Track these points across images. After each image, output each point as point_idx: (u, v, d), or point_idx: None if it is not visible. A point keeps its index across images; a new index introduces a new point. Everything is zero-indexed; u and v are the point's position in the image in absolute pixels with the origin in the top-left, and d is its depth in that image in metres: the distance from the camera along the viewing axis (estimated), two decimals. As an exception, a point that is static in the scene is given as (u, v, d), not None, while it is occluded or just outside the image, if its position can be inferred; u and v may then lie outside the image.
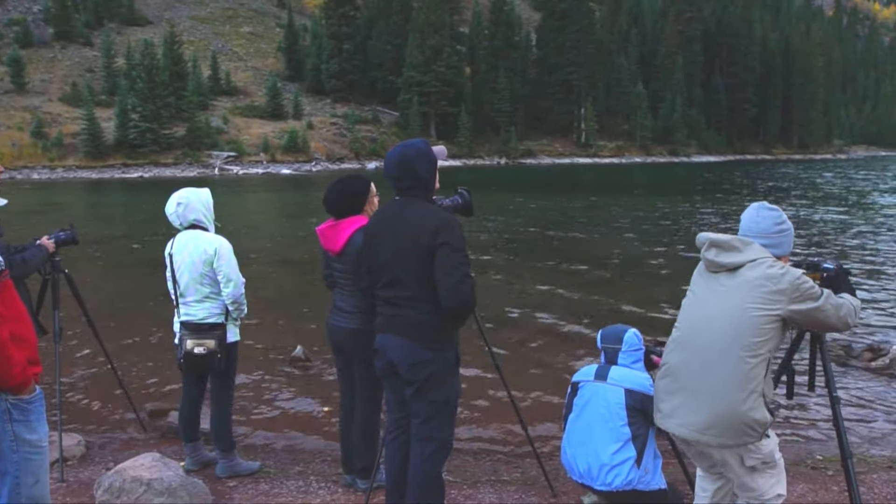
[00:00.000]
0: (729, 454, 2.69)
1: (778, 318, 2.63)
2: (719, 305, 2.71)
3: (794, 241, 2.91)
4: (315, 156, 60.72)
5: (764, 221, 2.79)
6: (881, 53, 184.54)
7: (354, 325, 3.66)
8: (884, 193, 32.61)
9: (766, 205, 2.85)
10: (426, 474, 3.09)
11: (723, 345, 2.65)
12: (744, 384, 2.61)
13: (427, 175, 3.09)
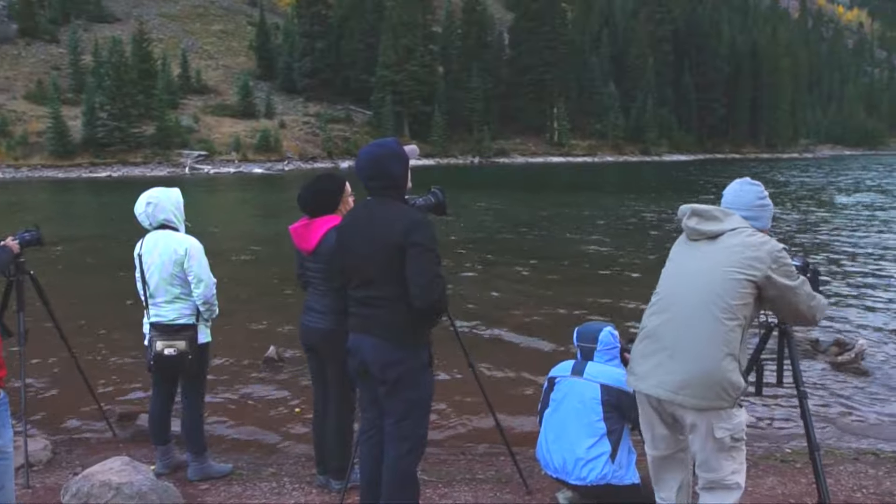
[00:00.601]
0: (701, 419, 2.70)
1: (754, 285, 2.67)
2: (699, 268, 2.77)
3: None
4: (288, 155, 60.29)
5: (746, 195, 2.88)
6: (845, 55, 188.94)
7: (327, 326, 3.64)
8: (847, 192, 33.34)
9: (749, 180, 2.94)
10: (400, 474, 3.08)
11: (702, 305, 2.69)
12: (721, 345, 2.64)
13: (399, 174, 3.09)
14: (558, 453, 3.38)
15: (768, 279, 2.66)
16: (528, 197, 29.61)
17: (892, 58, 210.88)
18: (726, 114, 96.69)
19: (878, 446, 5.01)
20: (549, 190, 34.83)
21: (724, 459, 2.74)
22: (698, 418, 2.70)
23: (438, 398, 5.69)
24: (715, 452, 2.72)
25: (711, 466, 2.76)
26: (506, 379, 6.47)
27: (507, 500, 3.76)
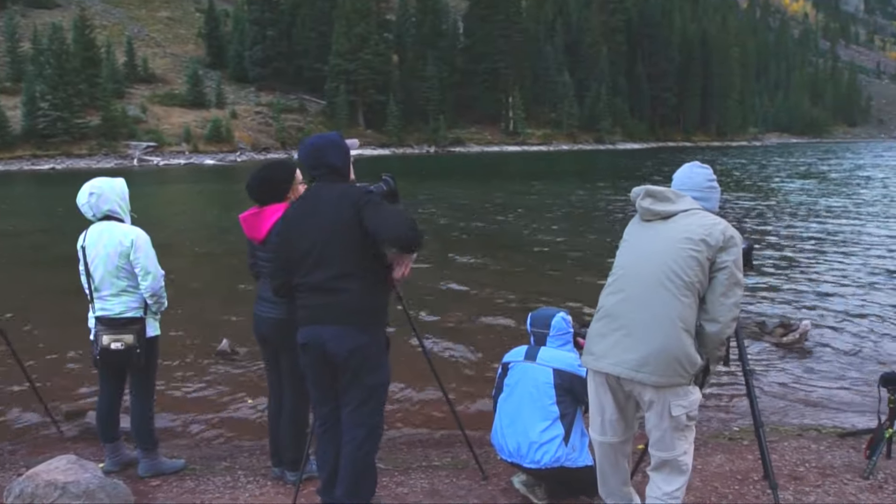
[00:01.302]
0: (658, 397, 2.74)
1: (707, 263, 2.74)
2: (653, 248, 2.82)
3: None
4: (240, 145, 59.19)
5: (697, 177, 2.98)
6: (791, 45, 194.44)
7: (280, 315, 3.58)
8: (792, 179, 34.39)
9: (698, 163, 3.05)
10: (359, 462, 3.08)
11: (657, 283, 2.74)
12: (678, 321, 2.69)
13: (341, 164, 3.13)
14: (512, 437, 3.41)
15: (719, 259, 2.74)
16: (485, 186, 29.71)
17: (835, 48, 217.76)
18: (678, 102, 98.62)
19: (821, 422, 5.20)
20: (505, 179, 35.02)
21: (678, 439, 2.79)
22: (656, 396, 2.74)
23: (394, 386, 5.71)
24: (671, 431, 2.78)
25: (666, 445, 2.81)
26: (462, 366, 6.51)
27: (463, 486, 3.79)
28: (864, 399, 5.61)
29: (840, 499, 3.60)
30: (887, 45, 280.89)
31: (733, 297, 2.73)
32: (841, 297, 9.33)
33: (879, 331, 7.77)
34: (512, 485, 3.62)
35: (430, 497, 3.67)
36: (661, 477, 2.86)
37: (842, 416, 5.41)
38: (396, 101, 70.19)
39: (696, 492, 3.65)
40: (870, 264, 11.66)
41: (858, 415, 5.33)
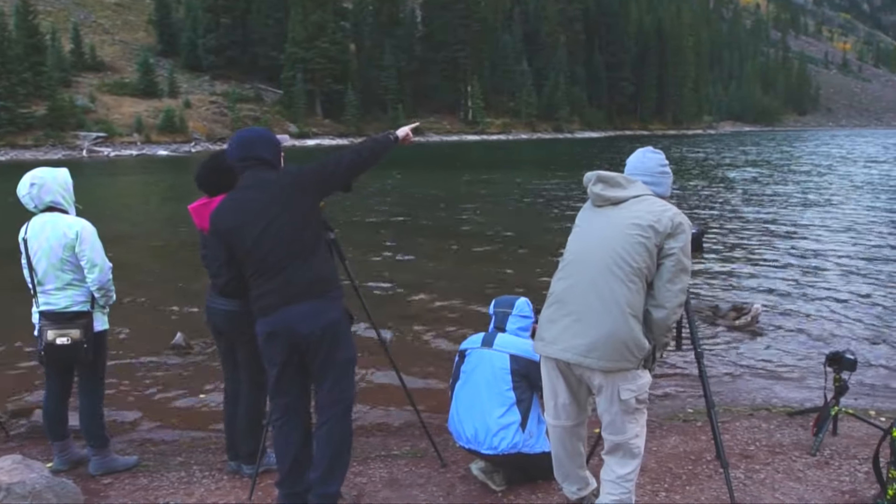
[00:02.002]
0: (607, 381, 2.77)
1: (655, 249, 2.77)
2: (604, 233, 2.85)
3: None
4: (194, 136, 57.83)
5: (649, 162, 3.01)
6: (743, 35, 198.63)
7: (234, 307, 3.51)
8: (743, 167, 35.22)
9: (651, 149, 3.08)
10: (340, 439, 3.12)
11: (606, 269, 2.77)
12: (625, 306, 2.72)
13: (270, 157, 3.14)
14: (469, 424, 3.42)
15: (667, 245, 2.76)
16: (444, 175, 29.70)
17: (785, 39, 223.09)
18: (635, 91, 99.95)
19: (771, 401, 5.35)
20: (464, 168, 35.05)
21: (629, 422, 2.83)
22: (605, 380, 2.77)
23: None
24: (621, 414, 2.81)
25: (616, 428, 2.85)
26: (419, 355, 6.50)
27: (422, 474, 3.78)
28: (812, 378, 5.78)
29: (788, 475, 3.71)
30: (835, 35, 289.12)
31: (679, 284, 2.75)
32: (790, 281, 9.60)
33: (826, 312, 8.03)
34: (470, 472, 3.63)
35: (389, 486, 3.66)
36: (615, 460, 2.89)
37: (791, 395, 5.57)
38: (354, 90, 69.44)
39: (651, 473, 3.72)
40: (816, 249, 12.03)
41: (807, 394, 5.50)
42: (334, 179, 3.15)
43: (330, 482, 3.11)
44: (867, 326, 7.47)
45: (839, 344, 6.73)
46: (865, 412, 4.81)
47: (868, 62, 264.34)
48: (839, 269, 10.38)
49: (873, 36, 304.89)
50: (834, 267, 10.51)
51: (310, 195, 3.08)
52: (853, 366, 4.15)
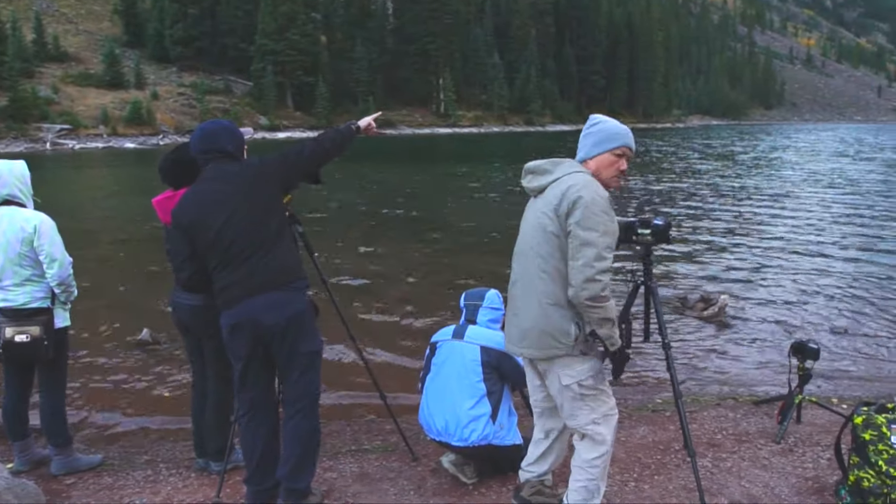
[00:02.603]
0: (549, 368, 2.83)
1: (559, 234, 2.70)
2: (527, 226, 2.87)
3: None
4: (162, 128, 56.83)
5: (583, 129, 2.93)
6: (711, 30, 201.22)
7: (199, 301, 3.45)
8: (711, 160, 35.71)
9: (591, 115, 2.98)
10: (307, 433, 3.10)
11: (528, 261, 2.81)
12: (542, 297, 2.74)
13: (233, 149, 3.10)
14: (440, 415, 3.41)
15: (567, 224, 2.66)
16: (416, 168, 29.61)
17: (751, 34, 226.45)
18: (605, 85, 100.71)
19: (738, 391, 5.43)
20: (436, 161, 35.01)
21: (579, 408, 2.82)
22: (547, 367, 2.84)
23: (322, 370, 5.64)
24: (569, 400, 2.82)
25: (567, 413, 2.87)
26: (390, 348, 6.46)
27: (393, 468, 3.77)
28: (777, 367, 5.89)
29: (754, 463, 3.77)
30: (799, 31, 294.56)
31: (582, 259, 2.62)
32: (755, 273, 9.76)
33: (791, 303, 8.18)
34: (441, 465, 3.62)
35: (360, 480, 3.64)
36: (580, 446, 2.91)
37: (757, 384, 5.67)
38: (325, 82, 68.87)
39: (620, 463, 3.75)
40: (780, 242, 12.25)
41: (772, 383, 5.59)
42: (297, 170, 3.13)
43: (299, 477, 3.10)
44: (830, 316, 7.62)
45: (803, 334, 6.87)
46: (828, 400, 4.91)
47: (831, 58, 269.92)
48: (803, 261, 10.58)
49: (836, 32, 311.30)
50: (798, 259, 10.71)
51: (272, 186, 3.05)
52: (816, 355, 4.22)
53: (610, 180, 2.82)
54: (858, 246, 11.77)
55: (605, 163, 2.81)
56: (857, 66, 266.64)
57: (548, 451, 3.13)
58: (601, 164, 2.81)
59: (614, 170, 2.82)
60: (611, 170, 2.82)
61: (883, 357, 6.42)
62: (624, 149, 2.82)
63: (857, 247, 11.70)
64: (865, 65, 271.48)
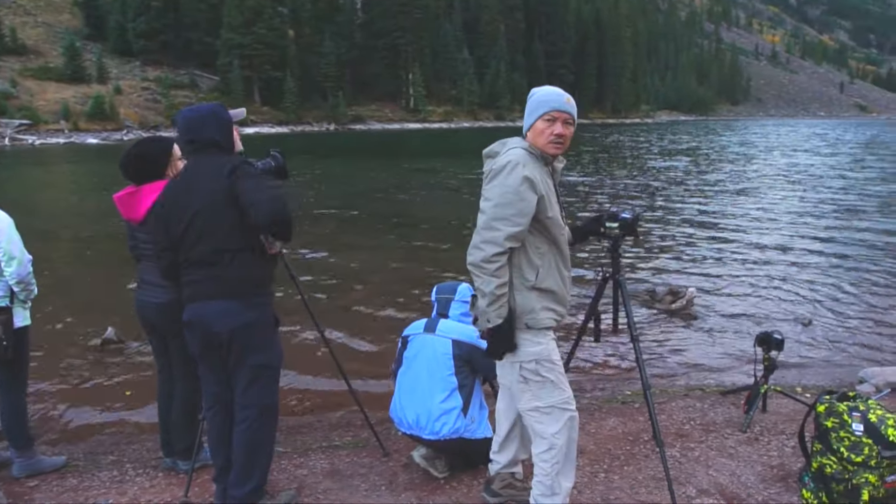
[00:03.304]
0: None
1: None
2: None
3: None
4: (126, 123, 55.77)
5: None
6: (679, 27, 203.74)
7: (164, 299, 3.40)
8: (678, 155, 36.19)
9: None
10: (251, 444, 3.01)
11: None
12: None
13: (219, 136, 3.00)
14: (411, 409, 3.40)
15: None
16: (386, 163, 29.49)
17: (718, 31, 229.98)
18: (574, 80, 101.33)
19: (705, 382, 5.51)
20: (406, 156, 34.90)
21: (522, 391, 2.80)
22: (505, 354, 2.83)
23: (292, 367, 5.59)
24: (514, 382, 2.82)
25: (515, 393, 2.85)
26: (360, 344, 6.44)
27: (364, 464, 3.75)
28: (744, 358, 5.99)
29: (721, 452, 3.83)
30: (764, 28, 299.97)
31: (478, 237, 2.66)
32: (723, 265, 9.92)
33: (757, 295, 8.32)
34: (412, 459, 3.61)
35: (331, 477, 3.61)
36: (532, 437, 2.89)
37: (724, 374, 5.76)
38: (293, 77, 68.20)
39: (590, 454, 3.78)
40: (746, 235, 12.47)
41: (738, 373, 5.70)
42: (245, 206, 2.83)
43: (243, 483, 3.04)
44: (794, 307, 7.78)
45: (768, 325, 7.00)
46: (793, 389, 5.01)
47: (795, 55, 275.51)
48: (768, 254, 10.78)
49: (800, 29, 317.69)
50: (763, 252, 10.91)
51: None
52: (781, 345, 4.30)
53: (547, 146, 2.76)
54: (822, 238, 12.03)
55: (539, 130, 2.76)
56: (821, 62, 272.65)
57: (508, 439, 3.13)
58: (536, 133, 2.77)
59: (548, 135, 2.75)
60: (545, 136, 2.75)
61: (846, 346, 6.57)
62: (553, 113, 2.74)
63: (820, 239, 11.96)
64: (828, 61, 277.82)
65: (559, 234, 2.79)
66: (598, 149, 39.20)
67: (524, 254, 2.72)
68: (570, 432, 2.80)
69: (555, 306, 2.78)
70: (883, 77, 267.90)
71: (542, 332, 2.75)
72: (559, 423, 2.77)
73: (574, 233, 3.26)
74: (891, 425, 3.21)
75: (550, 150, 2.77)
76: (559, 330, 6.46)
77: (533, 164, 2.71)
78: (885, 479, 3.18)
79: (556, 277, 2.78)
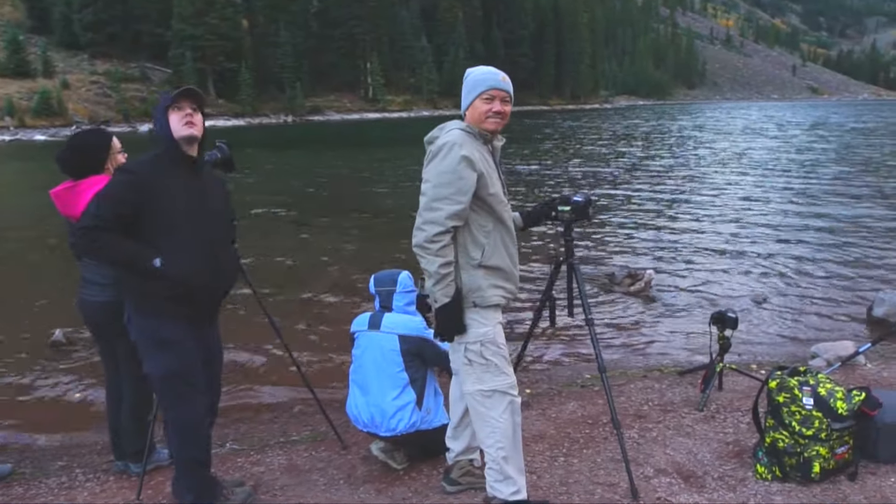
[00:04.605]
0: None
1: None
2: None
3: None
4: (75, 119, 54.03)
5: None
6: (635, 12, 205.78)
7: (107, 298, 3.29)
8: (635, 140, 36.64)
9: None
10: (174, 457, 2.99)
11: None
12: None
13: (156, 126, 2.85)
14: (365, 408, 3.35)
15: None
16: (345, 154, 29.20)
17: (674, 16, 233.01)
18: (534, 67, 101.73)
19: (663, 362, 5.59)
20: (365, 146, 34.61)
21: (466, 373, 2.79)
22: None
23: (246, 363, 5.50)
24: (461, 365, 2.81)
25: (460, 375, 2.85)
26: (316, 334, 6.35)
27: (322, 458, 3.69)
28: (700, 338, 6.07)
29: (678, 431, 3.87)
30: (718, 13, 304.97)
31: (420, 218, 2.68)
32: (679, 247, 10.07)
33: (711, 275, 8.47)
34: (371, 452, 3.57)
35: (289, 473, 3.55)
36: (474, 422, 2.87)
37: (681, 354, 5.85)
38: (249, 68, 66.94)
39: (550, 439, 3.79)
40: (702, 216, 12.69)
41: (695, 353, 5.78)
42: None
43: (181, 496, 3.01)
44: (747, 286, 7.94)
45: (724, 303, 7.12)
46: (747, 366, 5.10)
47: (749, 38, 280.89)
48: (722, 235, 10.98)
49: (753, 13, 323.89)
50: (717, 233, 11.11)
51: None
52: (735, 324, 4.36)
53: (486, 123, 2.76)
54: (772, 219, 12.31)
55: (478, 109, 2.77)
56: (773, 45, 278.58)
57: (462, 426, 3.11)
58: (474, 112, 2.78)
59: (486, 113, 2.75)
60: (484, 113, 2.75)
61: (797, 322, 6.73)
62: (491, 91, 2.75)
63: (770, 220, 12.23)
64: (781, 45, 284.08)
65: (503, 210, 2.79)
66: (555, 135, 39.44)
67: (468, 232, 2.71)
68: (512, 416, 2.79)
69: (503, 283, 2.78)
70: (833, 59, 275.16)
71: (491, 310, 2.75)
72: (500, 406, 2.76)
73: (525, 217, 3.24)
74: (840, 398, 3.28)
75: (490, 127, 2.77)
76: (515, 315, 6.48)
77: (471, 142, 2.71)
78: (835, 451, 3.25)
79: (502, 255, 2.78)
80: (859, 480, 3.25)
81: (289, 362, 4.11)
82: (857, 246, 9.92)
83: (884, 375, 4.85)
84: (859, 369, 4.96)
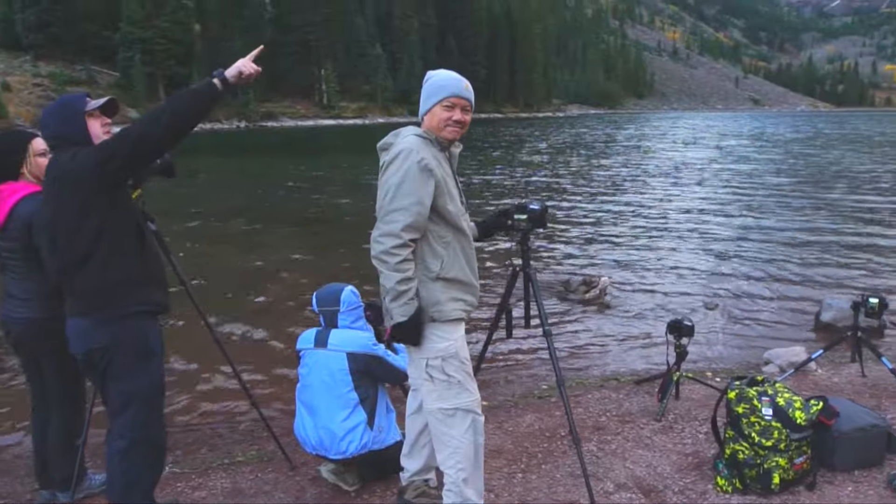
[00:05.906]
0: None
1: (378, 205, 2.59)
2: None
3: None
4: (17, 122, 52.07)
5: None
6: (585, 23, 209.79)
7: (32, 314, 3.03)
8: (585, 148, 37.13)
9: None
10: (122, 477, 2.66)
11: None
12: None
13: (67, 128, 2.59)
14: (314, 431, 3.17)
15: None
16: (298, 161, 28.76)
17: (623, 27, 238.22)
18: (488, 76, 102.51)
19: (620, 371, 5.54)
20: (319, 153, 34.20)
21: (428, 391, 2.65)
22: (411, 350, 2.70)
23: (189, 381, 5.23)
24: (422, 381, 2.67)
25: (422, 392, 2.71)
26: (264, 350, 6.10)
27: (269, 480, 3.49)
28: (657, 346, 6.06)
29: (637, 443, 3.79)
30: (665, 25, 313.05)
31: (376, 230, 2.52)
32: (634, 254, 10.13)
33: (667, 283, 8.52)
34: (320, 474, 3.38)
35: (232, 497, 3.33)
36: (435, 442, 2.74)
37: (638, 363, 5.82)
38: (200, 73, 65.57)
39: (507, 454, 3.67)
40: (656, 225, 12.83)
41: (652, 361, 5.75)
42: (122, 162, 2.45)
43: None
44: (703, 295, 7.99)
45: (678, 310, 7.15)
46: (703, 374, 5.09)
47: (694, 51, 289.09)
48: (677, 243, 11.10)
49: (698, 27, 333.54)
50: (672, 241, 11.24)
51: (84, 188, 2.47)
52: (692, 332, 4.32)
53: (445, 132, 2.64)
54: (726, 227, 12.52)
55: (437, 115, 2.64)
56: (717, 58, 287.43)
57: (419, 444, 2.96)
58: (433, 119, 2.65)
59: (446, 121, 2.63)
60: (443, 122, 2.63)
61: (751, 329, 6.80)
62: (453, 99, 2.64)
63: (725, 228, 12.44)
64: (724, 57, 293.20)
65: (462, 219, 2.65)
66: (504, 144, 39.64)
67: (426, 243, 2.56)
68: (475, 436, 2.66)
69: (463, 296, 2.63)
70: (773, 72, 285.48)
71: (451, 324, 2.60)
72: (463, 426, 2.63)
73: (480, 228, 3.13)
74: (798, 408, 3.24)
75: (448, 136, 2.65)
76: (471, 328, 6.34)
77: (427, 149, 2.57)
78: (794, 461, 3.21)
79: (462, 266, 2.63)
80: (817, 490, 3.22)
81: (233, 377, 3.90)
82: (802, 252, 10.14)
83: (834, 381, 4.88)
84: (811, 375, 4.99)
